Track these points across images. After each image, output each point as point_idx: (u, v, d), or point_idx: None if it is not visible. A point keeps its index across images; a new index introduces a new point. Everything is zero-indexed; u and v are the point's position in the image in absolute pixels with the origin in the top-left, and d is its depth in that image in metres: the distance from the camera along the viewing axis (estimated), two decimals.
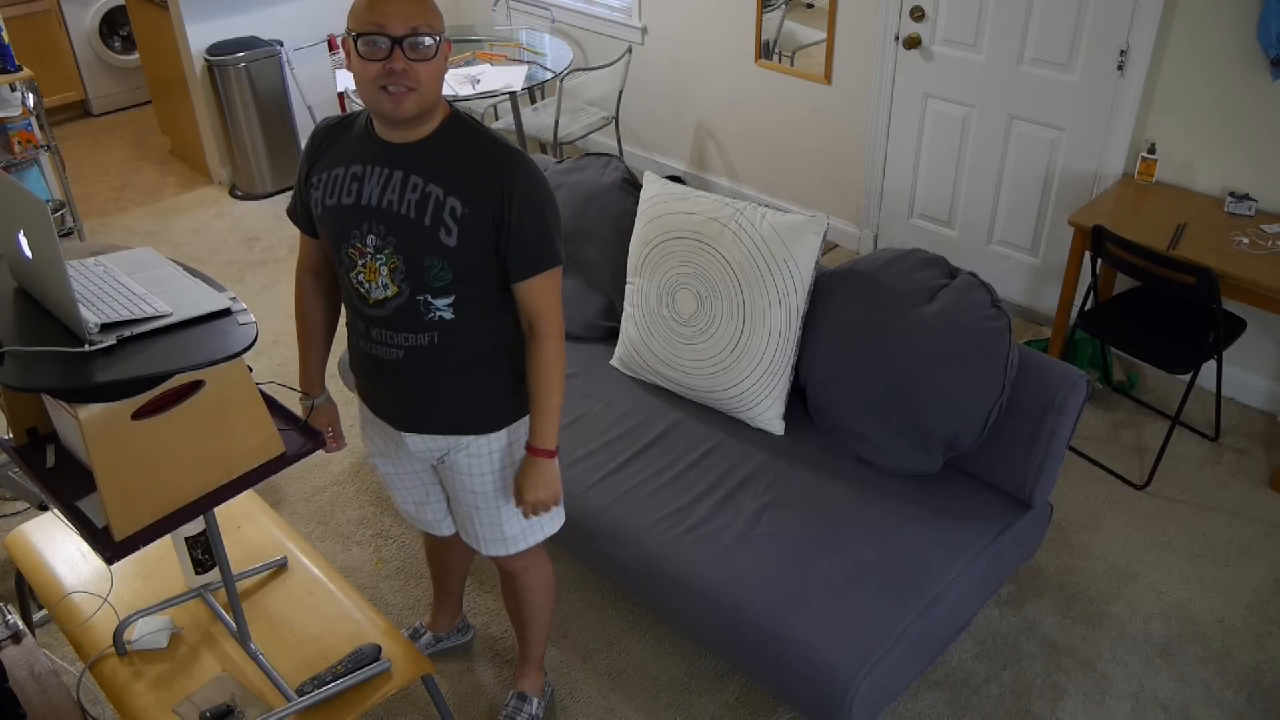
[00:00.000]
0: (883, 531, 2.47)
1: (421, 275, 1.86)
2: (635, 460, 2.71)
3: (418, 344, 1.92)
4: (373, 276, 1.88)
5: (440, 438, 2.05)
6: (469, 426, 2.03)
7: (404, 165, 1.84)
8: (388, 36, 1.71)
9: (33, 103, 4.41)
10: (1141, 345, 3.17)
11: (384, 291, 1.89)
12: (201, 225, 5.02)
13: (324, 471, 3.40)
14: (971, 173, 4.02)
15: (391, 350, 1.94)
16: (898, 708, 2.59)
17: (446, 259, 1.84)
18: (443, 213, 1.82)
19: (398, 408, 2.04)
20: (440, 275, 1.86)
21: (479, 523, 2.16)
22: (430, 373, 1.96)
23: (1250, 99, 3.23)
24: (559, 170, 3.24)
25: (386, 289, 1.88)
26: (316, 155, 1.95)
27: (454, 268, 1.85)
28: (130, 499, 1.74)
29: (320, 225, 1.94)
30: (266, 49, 4.95)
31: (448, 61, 1.81)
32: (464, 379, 1.98)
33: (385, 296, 1.89)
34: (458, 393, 1.99)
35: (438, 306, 1.89)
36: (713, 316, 2.77)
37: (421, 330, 1.91)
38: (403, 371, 1.96)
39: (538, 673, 2.55)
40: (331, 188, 1.90)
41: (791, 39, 4.39)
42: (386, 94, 1.74)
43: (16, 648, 2.10)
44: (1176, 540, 3.06)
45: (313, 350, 2.20)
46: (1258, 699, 2.59)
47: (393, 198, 1.84)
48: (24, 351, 1.69)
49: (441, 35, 1.76)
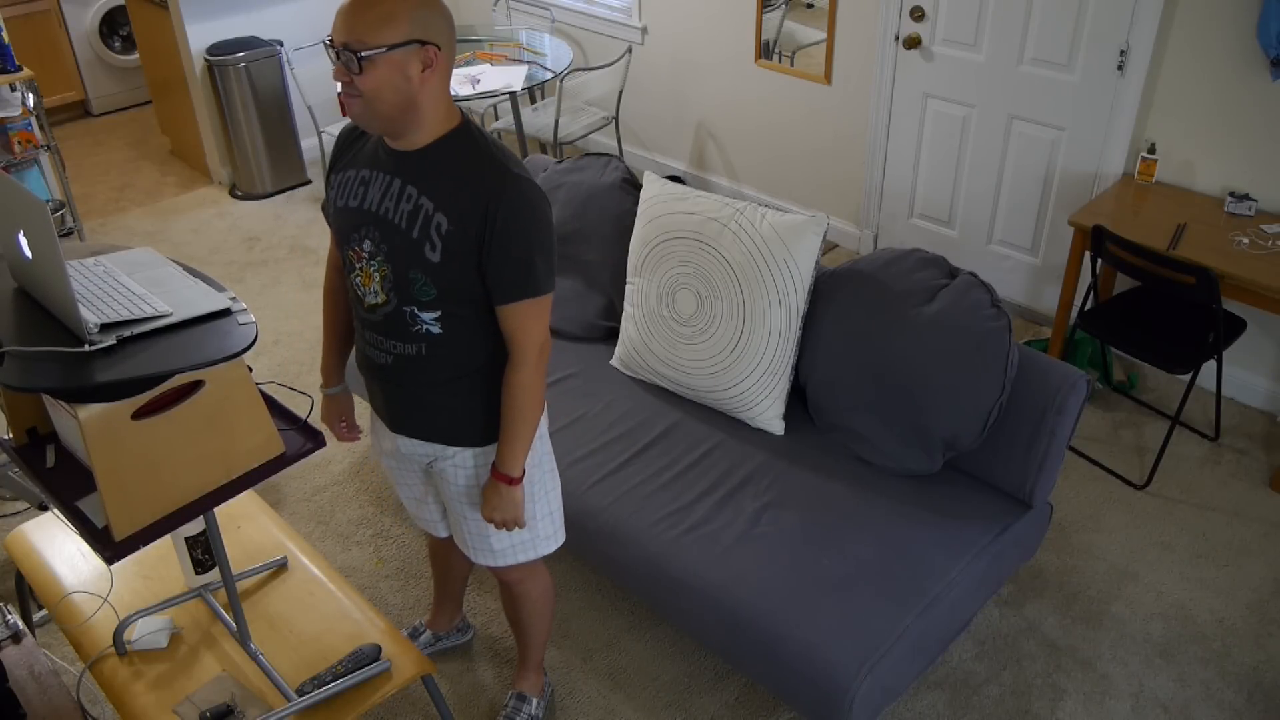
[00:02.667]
0: (883, 531, 2.47)
1: (407, 287, 1.86)
2: (635, 460, 2.71)
3: (405, 353, 1.94)
4: (368, 282, 1.90)
5: (426, 444, 2.07)
6: (450, 437, 2.05)
7: (405, 174, 1.84)
8: (333, 45, 1.74)
9: (33, 103, 4.41)
10: (1141, 345, 3.17)
11: (376, 298, 1.91)
12: (201, 225, 5.02)
13: (324, 471, 3.40)
14: (971, 173, 4.02)
15: (382, 355, 1.97)
16: (898, 708, 2.59)
17: (429, 274, 1.83)
18: (429, 227, 1.81)
19: (390, 409, 2.07)
20: (424, 289, 1.85)
21: (467, 531, 2.17)
22: (415, 382, 1.98)
23: (1250, 99, 3.23)
24: (559, 170, 3.24)
25: (378, 295, 1.90)
26: (338, 156, 2.00)
27: (437, 283, 1.84)
28: (130, 499, 1.74)
29: (332, 225, 1.99)
30: (266, 49, 4.95)
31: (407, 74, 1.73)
32: (447, 392, 1.98)
33: (377, 303, 1.91)
34: (441, 404, 2.00)
35: (424, 320, 1.89)
36: (713, 316, 2.77)
37: (409, 340, 1.92)
38: (392, 377, 1.99)
39: (537, 674, 2.55)
40: (343, 189, 1.93)
41: (791, 39, 4.39)
42: (346, 104, 1.79)
43: (16, 648, 2.10)
44: (1176, 540, 3.06)
45: (334, 342, 2.26)
46: (1258, 699, 2.59)
47: (389, 205, 1.85)
48: (24, 351, 1.69)
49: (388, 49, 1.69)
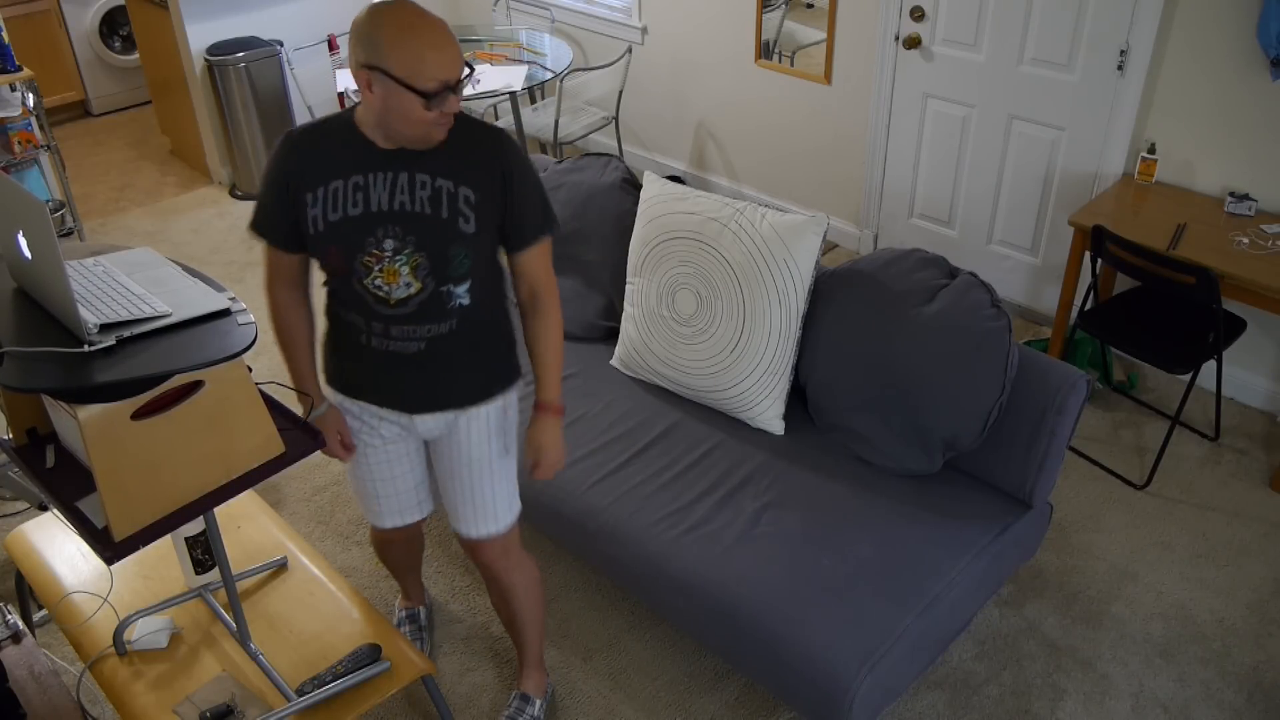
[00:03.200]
0: (883, 531, 2.47)
1: (445, 267, 1.94)
2: (635, 460, 2.71)
3: (439, 333, 2.01)
4: (393, 278, 1.94)
5: (446, 413, 2.13)
6: (480, 396, 2.13)
7: (407, 166, 1.90)
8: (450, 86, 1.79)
9: (33, 103, 4.41)
10: (1141, 345, 3.17)
11: (406, 290, 1.95)
12: (201, 225, 5.02)
13: (324, 471, 3.40)
14: (971, 173, 4.02)
15: (414, 344, 2.02)
16: (898, 708, 2.59)
17: (467, 246, 1.94)
18: (458, 203, 1.91)
19: (410, 394, 2.10)
20: (461, 263, 1.95)
21: (475, 500, 2.22)
22: (448, 356, 2.06)
23: (1250, 99, 3.23)
24: (559, 170, 3.24)
25: (410, 287, 1.95)
26: (300, 170, 1.92)
27: (472, 253, 1.95)
28: (130, 499, 1.74)
29: (323, 241, 1.93)
30: (266, 49, 4.95)
31: None
32: (474, 354, 2.09)
33: (409, 294, 1.95)
34: (472, 367, 2.10)
35: (458, 294, 1.98)
36: (713, 316, 2.77)
37: (444, 319, 2.00)
38: (422, 360, 2.05)
39: (539, 672, 2.56)
40: (334, 202, 1.90)
41: (791, 39, 4.40)
42: (438, 129, 1.84)
43: (16, 648, 2.10)
44: (1176, 540, 3.06)
45: (306, 359, 2.18)
46: (1258, 699, 2.59)
47: (404, 199, 1.90)
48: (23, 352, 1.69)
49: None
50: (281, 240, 2.01)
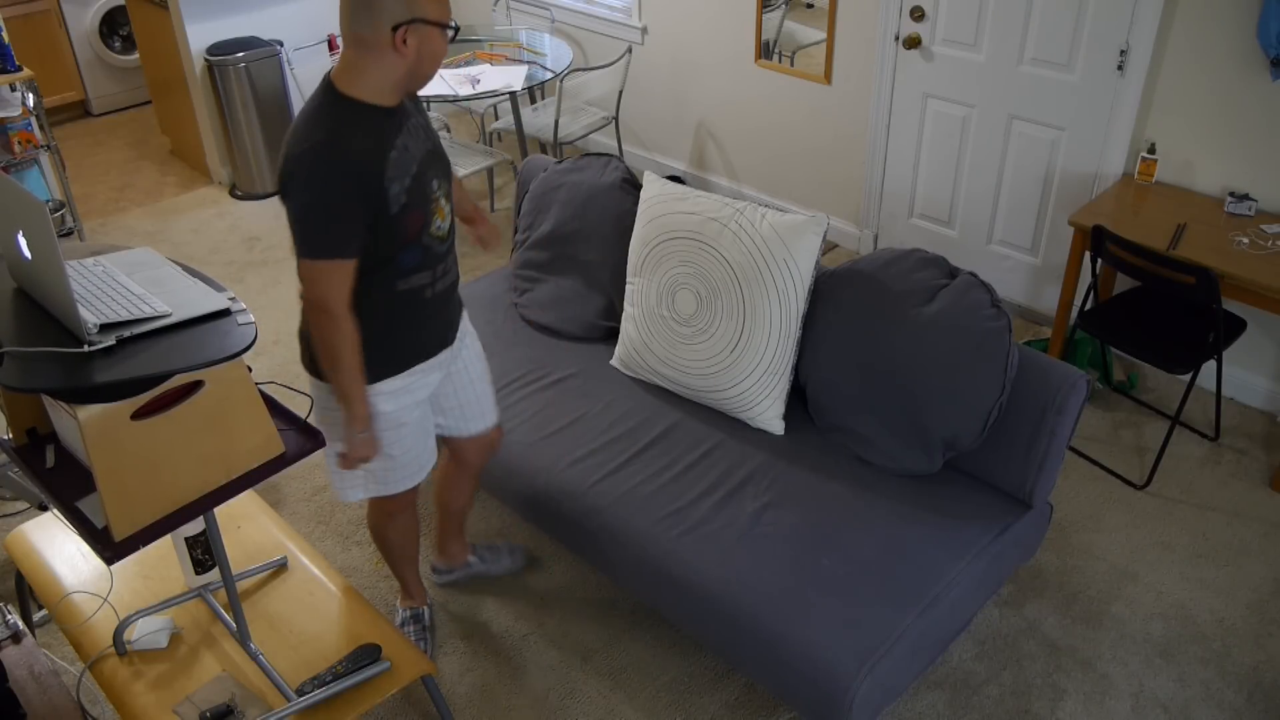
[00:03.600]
0: (883, 531, 2.47)
1: (452, 193, 2.18)
2: (635, 460, 2.71)
3: (452, 254, 2.22)
4: (442, 214, 2.13)
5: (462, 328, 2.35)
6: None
7: (409, 113, 2.07)
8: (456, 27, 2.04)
9: (33, 103, 4.41)
10: (1141, 345, 3.17)
11: (448, 221, 2.16)
12: (201, 225, 5.02)
13: (324, 471, 3.40)
14: (971, 173, 4.02)
15: (452, 274, 2.23)
16: (898, 708, 2.59)
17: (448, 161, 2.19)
18: (434, 127, 2.18)
19: (456, 316, 2.30)
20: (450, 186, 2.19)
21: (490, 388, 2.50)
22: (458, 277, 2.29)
23: (1250, 99, 3.23)
24: (559, 170, 3.24)
25: (449, 217, 2.17)
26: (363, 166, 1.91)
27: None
28: (130, 499, 1.74)
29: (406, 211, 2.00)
30: (266, 49, 4.95)
31: None
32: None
33: (449, 226, 2.17)
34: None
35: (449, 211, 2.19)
36: (713, 316, 2.77)
37: (452, 239, 2.21)
38: (456, 282, 2.27)
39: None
40: (400, 169, 1.99)
41: (791, 39, 4.39)
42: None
43: (16, 648, 2.10)
44: (1176, 540, 3.06)
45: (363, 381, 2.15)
46: (1258, 699, 2.59)
47: (427, 140, 2.10)
48: (23, 352, 1.69)
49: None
50: (358, 247, 1.96)
